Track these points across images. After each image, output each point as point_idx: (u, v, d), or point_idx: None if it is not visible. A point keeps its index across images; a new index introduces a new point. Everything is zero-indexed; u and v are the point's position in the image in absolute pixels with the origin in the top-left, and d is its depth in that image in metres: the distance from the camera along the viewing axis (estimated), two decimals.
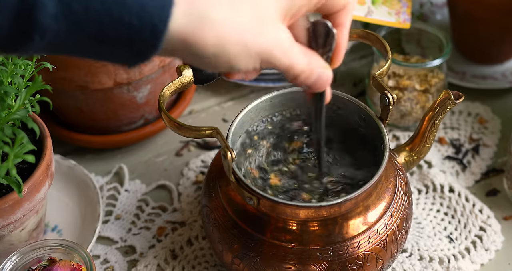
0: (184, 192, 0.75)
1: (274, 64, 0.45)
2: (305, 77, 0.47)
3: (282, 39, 0.45)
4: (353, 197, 0.56)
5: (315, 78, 0.47)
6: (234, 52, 0.43)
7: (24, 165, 0.62)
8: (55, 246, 0.60)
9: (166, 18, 0.40)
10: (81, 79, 0.70)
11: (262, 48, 0.43)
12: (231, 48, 0.43)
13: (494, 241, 0.70)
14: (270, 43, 0.44)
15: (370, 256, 0.58)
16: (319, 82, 0.48)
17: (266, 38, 0.44)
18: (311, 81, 0.47)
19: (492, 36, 0.82)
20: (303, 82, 0.47)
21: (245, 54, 0.43)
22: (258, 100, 0.64)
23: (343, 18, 0.49)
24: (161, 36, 0.40)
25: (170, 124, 0.56)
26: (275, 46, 0.44)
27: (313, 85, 0.48)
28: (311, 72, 0.47)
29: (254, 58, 0.44)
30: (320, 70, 0.47)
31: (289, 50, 0.45)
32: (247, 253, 0.58)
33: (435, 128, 0.63)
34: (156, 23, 0.40)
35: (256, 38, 0.43)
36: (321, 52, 0.48)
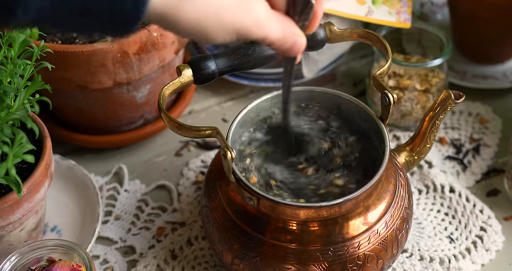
0: (184, 192, 0.75)
1: (250, 37, 0.48)
2: (280, 44, 0.50)
3: (258, 14, 0.47)
4: (353, 197, 0.56)
5: (289, 45, 0.50)
6: (211, 28, 0.45)
7: (24, 165, 0.62)
8: (55, 247, 0.60)
9: None
10: (80, 79, 0.70)
11: (239, 25, 0.46)
12: (209, 24, 0.45)
13: (495, 241, 0.70)
14: (247, 19, 0.46)
15: (370, 256, 0.58)
16: (293, 49, 0.50)
17: (244, 15, 0.46)
18: (285, 48, 0.50)
19: (493, 36, 0.82)
20: (278, 49, 0.50)
21: (222, 30, 0.46)
22: (258, 100, 0.63)
23: None
24: (143, 9, 0.42)
25: (170, 124, 0.56)
26: (251, 22, 0.47)
27: (287, 51, 0.51)
28: (285, 40, 0.49)
29: (230, 33, 0.46)
30: (294, 37, 0.50)
31: (264, 23, 0.48)
32: (247, 254, 0.58)
33: (436, 128, 0.63)
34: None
35: (233, 16, 0.46)
36: (297, 19, 0.51)
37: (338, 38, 0.62)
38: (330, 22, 0.61)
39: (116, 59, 0.68)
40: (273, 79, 0.84)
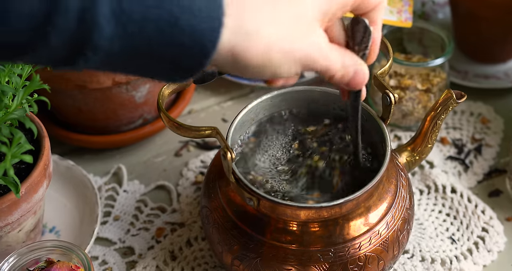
0: (183, 193, 0.75)
1: (314, 67, 0.47)
2: (341, 75, 0.49)
3: (320, 45, 0.47)
4: (354, 197, 0.56)
5: (351, 76, 0.49)
6: (278, 61, 0.45)
7: (22, 165, 0.61)
8: (53, 247, 0.60)
9: (215, 39, 0.42)
10: (79, 79, 0.70)
11: (303, 54, 0.46)
12: (276, 57, 0.45)
13: (497, 242, 0.69)
14: (310, 48, 0.46)
15: (371, 257, 0.58)
16: (355, 80, 0.50)
17: (307, 44, 0.46)
18: (347, 80, 0.50)
19: (495, 35, 0.82)
20: (339, 81, 0.50)
21: (288, 62, 0.46)
22: (258, 99, 0.63)
23: (376, 16, 0.51)
24: (210, 56, 0.43)
25: (169, 124, 0.56)
26: (314, 51, 0.47)
27: (349, 83, 0.50)
28: (347, 70, 0.49)
29: (296, 64, 0.46)
30: (355, 67, 0.49)
31: (326, 52, 0.47)
32: (247, 254, 0.58)
33: (437, 128, 0.63)
34: (206, 44, 0.42)
35: (298, 45, 0.46)
36: (357, 49, 0.51)
37: None
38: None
39: None
40: None
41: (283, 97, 0.64)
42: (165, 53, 0.42)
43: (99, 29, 0.39)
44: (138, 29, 0.40)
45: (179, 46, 0.41)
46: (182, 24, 0.41)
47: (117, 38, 0.40)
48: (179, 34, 0.41)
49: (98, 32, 0.39)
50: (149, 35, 0.40)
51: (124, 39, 0.40)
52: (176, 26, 0.40)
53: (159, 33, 0.40)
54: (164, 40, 0.41)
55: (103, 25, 0.39)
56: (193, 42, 0.41)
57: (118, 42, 0.40)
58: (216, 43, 0.42)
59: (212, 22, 0.42)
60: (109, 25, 0.39)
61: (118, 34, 0.39)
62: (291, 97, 0.65)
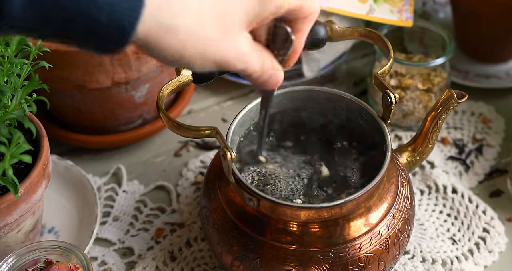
0: (183, 193, 0.75)
1: (228, 68, 0.48)
2: (257, 77, 0.50)
3: (242, 47, 0.47)
4: (354, 198, 0.56)
5: (266, 78, 0.50)
6: (192, 58, 0.46)
7: (21, 165, 0.61)
8: (52, 248, 0.60)
9: (135, 20, 0.42)
10: (78, 79, 0.70)
11: (219, 58, 0.46)
12: (190, 55, 0.45)
13: (498, 242, 0.69)
14: (229, 53, 0.47)
15: (372, 258, 0.58)
16: (269, 82, 0.51)
17: (226, 49, 0.46)
18: (262, 81, 0.50)
19: (496, 35, 0.82)
20: (255, 81, 0.50)
21: (201, 60, 0.46)
22: (258, 99, 0.63)
23: (304, 26, 0.51)
24: (128, 37, 0.42)
25: (169, 124, 0.56)
26: (233, 54, 0.47)
27: (264, 84, 0.51)
28: (263, 73, 0.50)
29: (210, 63, 0.47)
30: (272, 71, 0.50)
31: (244, 56, 0.48)
32: (247, 255, 0.58)
33: (438, 128, 0.63)
34: (125, 24, 0.42)
35: (215, 49, 0.46)
36: (276, 53, 0.51)
37: (339, 37, 0.62)
38: (331, 20, 0.61)
39: (114, 58, 0.68)
40: None
41: (283, 97, 0.64)
42: (82, 29, 0.41)
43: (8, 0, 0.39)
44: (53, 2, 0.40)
45: (97, 23, 0.41)
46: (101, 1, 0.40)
47: (29, 7, 0.39)
48: (96, 9, 0.41)
49: (8, 2, 0.39)
50: (64, 6, 0.40)
51: (36, 10, 0.40)
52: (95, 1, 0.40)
53: (76, 5, 0.40)
54: (80, 14, 0.40)
55: None
56: (111, 22, 0.41)
57: (31, 13, 0.40)
58: (134, 25, 0.42)
59: (133, 2, 0.41)
60: None
61: (30, 4, 0.39)
62: (291, 97, 0.65)
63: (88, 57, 0.67)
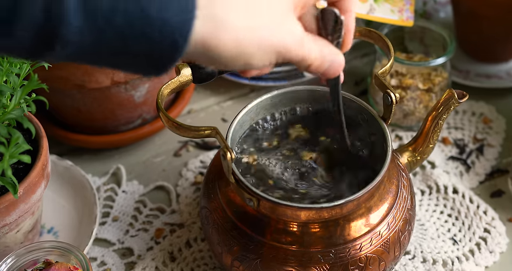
0: (183, 193, 0.74)
1: (289, 56, 0.47)
2: (318, 65, 0.49)
3: (295, 33, 0.46)
4: (355, 198, 0.55)
5: (328, 65, 0.49)
6: (251, 52, 0.45)
7: (20, 165, 0.61)
8: (51, 248, 0.60)
9: (187, 33, 0.41)
10: (78, 78, 0.70)
11: (277, 45, 0.45)
12: (249, 48, 0.44)
13: (499, 243, 0.69)
14: (284, 38, 0.46)
15: (372, 258, 0.58)
16: (332, 69, 0.50)
17: (281, 34, 0.45)
18: (323, 69, 0.49)
19: (497, 34, 0.81)
20: (317, 70, 0.49)
21: (261, 52, 0.45)
22: (258, 99, 0.63)
23: (349, 4, 0.51)
24: (181, 50, 0.42)
25: (169, 124, 0.56)
26: (289, 41, 0.46)
27: (327, 72, 0.50)
28: (323, 60, 0.49)
29: (270, 55, 0.46)
30: (332, 57, 0.49)
31: (301, 42, 0.47)
32: (247, 255, 0.58)
33: (439, 128, 0.63)
34: (177, 38, 0.41)
35: (271, 36, 0.45)
36: (331, 39, 0.50)
37: None
38: None
39: None
40: (273, 79, 0.84)
41: (283, 97, 0.64)
42: (136, 48, 0.41)
43: (66, 22, 0.38)
44: (106, 22, 0.39)
45: (150, 41, 0.40)
46: (152, 17, 0.40)
47: (86, 32, 0.39)
48: (149, 27, 0.40)
49: (66, 26, 0.38)
50: (119, 28, 0.39)
51: (93, 32, 0.39)
52: (146, 19, 0.40)
53: (129, 27, 0.40)
54: (134, 34, 0.40)
55: (70, 17, 0.38)
56: (163, 37, 0.40)
57: (88, 36, 0.39)
58: (187, 37, 0.41)
59: (184, 14, 0.40)
60: (76, 18, 0.38)
61: (87, 27, 0.39)
62: (291, 97, 0.64)
63: None
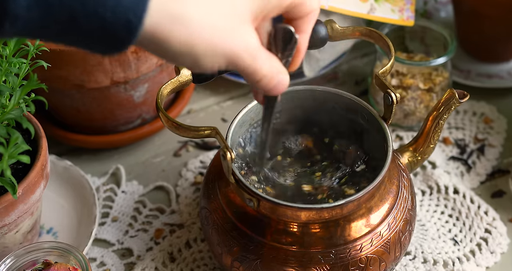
0: (183, 194, 0.74)
1: (239, 66, 0.46)
2: (266, 82, 0.48)
3: (251, 43, 0.45)
4: (355, 198, 0.55)
5: (275, 83, 0.48)
6: (201, 52, 0.43)
7: (19, 165, 0.61)
8: (51, 249, 0.60)
9: (142, 13, 0.40)
10: (77, 78, 0.70)
11: (230, 51, 0.44)
12: (199, 47, 0.43)
13: (500, 243, 0.69)
14: (239, 46, 0.45)
15: (372, 259, 0.58)
16: (278, 87, 0.48)
17: (236, 40, 0.44)
18: (270, 86, 0.48)
19: (498, 34, 0.81)
20: (263, 87, 0.48)
21: (211, 55, 0.44)
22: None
23: (306, 25, 0.50)
24: (136, 32, 0.41)
25: (168, 124, 0.56)
26: (243, 50, 0.45)
27: (271, 90, 0.48)
28: (272, 77, 0.47)
29: (219, 59, 0.44)
30: (280, 76, 0.48)
31: (256, 54, 0.46)
32: (247, 256, 0.58)
33: (440, 128, 0.63)
34: (131, 18, 0.40)
35: (225, 40, 0.44)
36: (281, 56, 0.49)
37: (340, 36, 0.61)
38: (331, 20, 0.61)
39: (113, 57, 0.68)
40: None
41: (283, 96, 0.64)
42: (88, 25, 0.40)
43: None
44: None
45: (102, 19, 0.39)
46: None
47: (34, 6, 0.38)
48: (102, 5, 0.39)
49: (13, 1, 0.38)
50: (69, 4, 0.39)
51: (41, 7, 0.38)
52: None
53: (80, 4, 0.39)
54: (85, 11, 0.39)
55: None
56: (117, 17, 0.40)
57: (36, 11, 0.38)
58: (142, 18, 0.40)
59: None
60: None
61: (36, 2, 0.38)
62: (291, 97, 0.64)
63: (87, 56, 0.67)
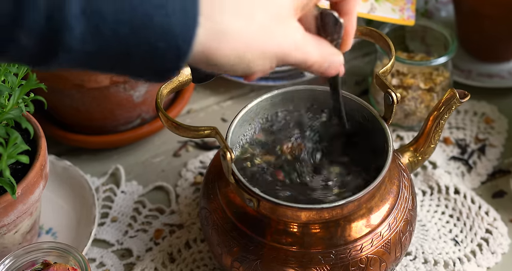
0: (182, 194, 0.74)
1: (289, 61, 0.47)
2: (318, 66, 0.49)
3: (295, 37, 0.47)
4: (355, 198, 0.55)
5: (327, 66, 0.50)
6: (251, 58, 0.45)
7: (18, 165, 0.61)
8: (50, 249, 0.60)
9: (190, 39, 0.41)
10: (76, 78, 0.70)
11: (277, 50, 0.46)
12: (250, 56, 0.45)
13: (501, 244, 0.69)
14: (285, 43, 0.46)
15: (373, 259, 0.58)
16: (331, 69, 0.50)
17: (281, 39, 0.46)
18: (323, 69, 0.50)
19: (499, 34, 0.81)
20: (317, 71, 0.50)
21: (262, 58, 0.45)
22: (258, 99, 0.63)
23: (350, 6, 0.51)
24: (185, 57, 0.42)
25: (168, 124, 0.56)
26: (289, 45, 0.46)
27: (326, 72, 0.50)
28: (323, 61, 0.49)
29: (269, 60, 0.46)
30: (331, 58, 0.50)
31: (302, 45, 0.47)
32: (247, 256, 0.58)
33: (440, 128, 0.62)
34: (180, 45, 0.41)
35: (271, 41, 0.45)
36: (330, 39, 0.51)
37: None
38: None
39: None
40: (273, 78, 0.84)
41: (284, 96, 0.64)
42: (140, 55, 0.41)
43: (69, 29, 0.38)
44: (110, 29, 0.39)
45: (155, 48, 0.40)
46: (156, 25, 0.40)
47: (89, 39, 0.39)
48: (153, 35, 0.40)
49: (69, 32, 0.38)
50: (123, 36, 0.39)
51: (96, 39, 0.39)
52: (150, 27, 0.39)
53: (133, 34, 0.39)
54: (138, 41, 0.40)
55: (73, 25, 0.38)
56: (167, 44, 0.40)
57: (91, 43, 0.39)
58: (191, 44, 0.41)
59: (187, 22, 0.40)
60: (79, 25, 0.38)
61: (90, 35, 0.39)
62: (291, 97, 0.64)
63: None
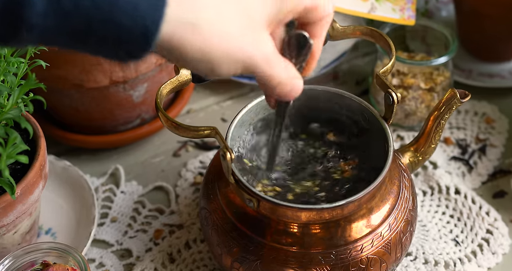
0: (182, 194, 0.74)
1: (256, 72, 0.46)
2: (281, 88, 0.48)
3: (267, 50, 0.45)
4: (356, 198, 0.55)
5: (290, 89, 0.48)
6: (217, 59, 0.43)
7: (17, 165, 0.61)
8: (49, 250, 0.60)
9: (159, 19, 0.40)
10: (76, 78, 0.69)
11: (246, 58, 0.44)
12: (215, 54, 0.43)
13: (502, 244, 0.69)
14: (255, 53, 0.44)
15: (373, 259, 0.57)
16: (292, 93, 0.48)
17: (252, 47, 0.44)
18: (285, 92, 0.48)
19: (499, 33, 0.81)
20: (278, 92, 0.48)
21: (227, 61, 0.44)
22: (258, 99, 0.63)
23: (320, 30, 0.49)
24: (153, 39, 0.40)
25: (168, 124, 0.56)
26: (259, 57, 0.45)
27: (286, 95, 0.48)
28: (287, 83, 0.47)
29: (235, 65, 0.44)
30: (294, 81, 0.48)
31: (272, 61, 0.46)
32: (246, 257, 0.58)
33: (441, 128, 0.62)
34: (148, 24, 0.40)
35: (241, 47, 0.44)
36: (294, 62, 0.49)
37: (341, 35, 0.61)
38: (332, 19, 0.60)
39: None
40: None
41: None
42: (103, 32, 0.40)
43: (30, 5, 0.37)
44: (72, 4, 0.38)
45: (119, 26, 0.39)
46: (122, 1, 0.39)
47: (50, 13, 0.38)
48: (118, 12, 0.39)
49: (30, 9, 0.37)
50: (85, 11, 0.38)
51: (57, 15, 0.38)
52: (116, 2, 0.39)
53: (96, 10, 0.38)
54: (102, 18, 0.39)
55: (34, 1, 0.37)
56: (134, 23, 0.39)
57: (53, 19, 0.38)
58: (159, 25, 0.40)
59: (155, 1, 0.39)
60: (41, 1, 0.37)
61: (52, 9, 0.38)
62: None
63: (86, 56, 0.67)
